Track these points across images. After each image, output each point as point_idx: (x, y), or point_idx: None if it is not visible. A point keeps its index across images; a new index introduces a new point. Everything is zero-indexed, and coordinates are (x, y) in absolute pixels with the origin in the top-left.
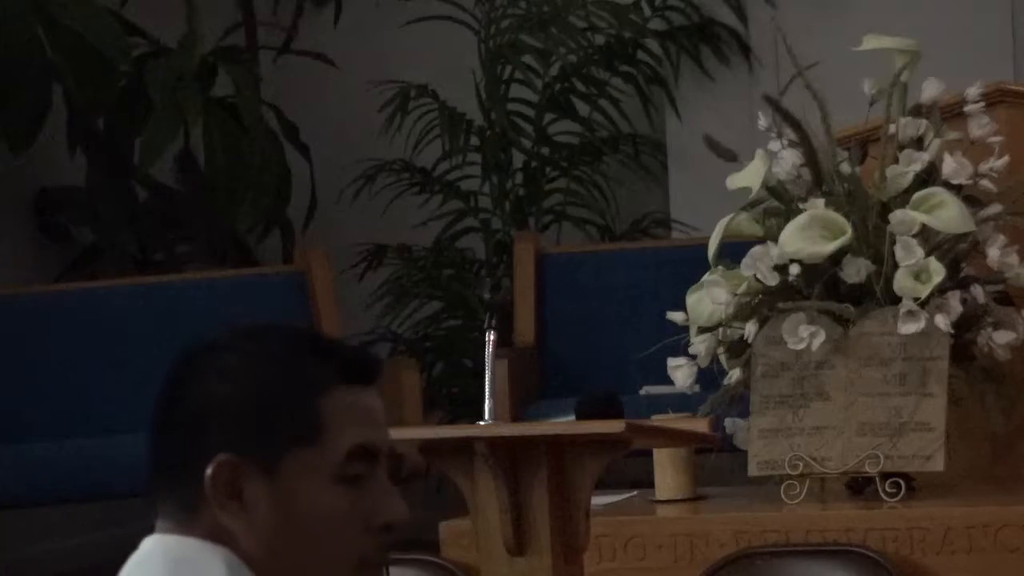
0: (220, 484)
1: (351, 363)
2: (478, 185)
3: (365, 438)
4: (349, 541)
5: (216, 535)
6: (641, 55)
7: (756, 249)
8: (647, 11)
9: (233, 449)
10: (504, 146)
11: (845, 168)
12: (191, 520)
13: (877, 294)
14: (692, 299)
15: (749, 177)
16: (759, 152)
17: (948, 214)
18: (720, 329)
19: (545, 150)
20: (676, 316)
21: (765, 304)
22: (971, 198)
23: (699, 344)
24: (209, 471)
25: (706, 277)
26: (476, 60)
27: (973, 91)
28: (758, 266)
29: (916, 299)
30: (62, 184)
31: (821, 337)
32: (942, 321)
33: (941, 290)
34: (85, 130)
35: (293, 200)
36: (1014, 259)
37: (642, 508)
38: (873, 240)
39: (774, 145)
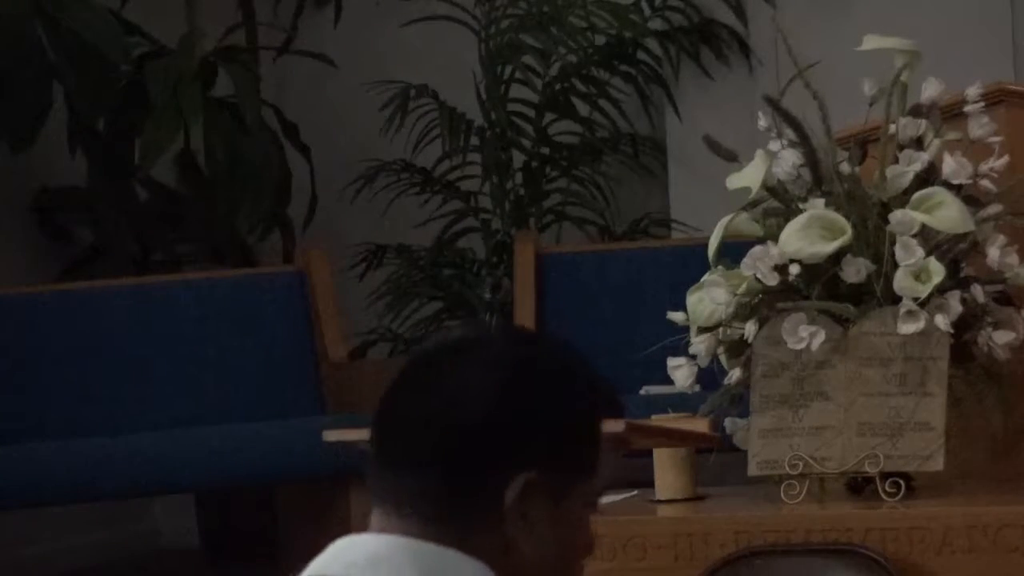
0: (522, 502)
1: (612, 395)
2: (478, 185)
3: (614, 471)
4: (580, 566)
5: (490, 554)
6: (641, 55)
7: (756, 249)
8: (647, 11)
9: (537, 468)
10: (504, 146)
11: (845, 168)
12: (458, 530)
13: (877, 294)
14: (692, 299)
15: (749, 177)
16: (759, 152)
17: (948, 214)
18: (720, 329)
19: (545, 150)
20: (676, 316)
21: (765, 304)
22: (971, 198)
23: (699, 344)
24: (515, 489)
25: (706, 277)
26: (476, 60)
27: (973, 91)
28: (758, 266)
29: (916, 299)
30: (62, 184)
31: (821, 337)
32: (942, 321)
33: (941, 290)
34: (85, 130)
35: (293, 200)
36: (1014, 259)
37: (642, 508)
38: (873, 240)
39: (774, 145)
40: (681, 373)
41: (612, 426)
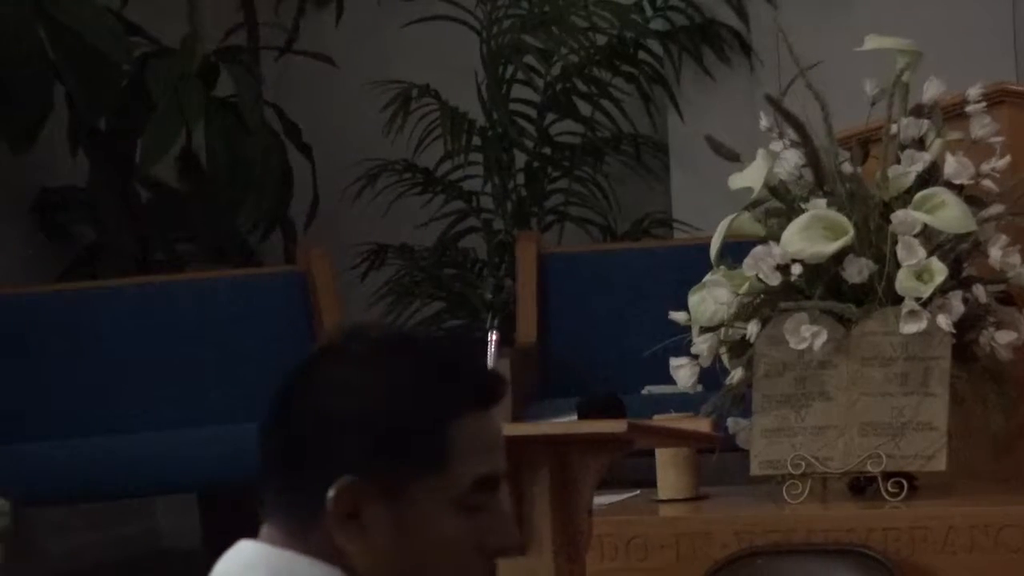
0: (341, 505)
1: (479, 385)
2: (480, 185)
3: (491, 467)
4: (462, 567)
5: (328, 554)
6: (643, 55)
7: (758, 249)
8: (649, 11)
9: (356, 470)
10: (506, 146)
11: (847, 168)
12: (303, 535)
13: (879, 294)
14: (694, 299)
15: (751, 177)
16: (761, 152)
17: (950, 214)
18: (722, 329)
19: (547, 150)
20: (678, 316)
21: (767, 304)
22: (973, 198)
23: (701, 344)
24: (332, 493)
25: (708, 277)
26: (478, 60)
27: (974, 91)
28: (760, 266)
29: (918, 299)
30: (62, 184)
31: (823, 337)
32: (944, 321)
33: (943, 290)
34: (86, 130)
35: (295, 200)
36: (1016, 259)
37: (644, 508)
38: (875, 240)
39: (776, 145)
40: (683, 373)
41: (611, 427)
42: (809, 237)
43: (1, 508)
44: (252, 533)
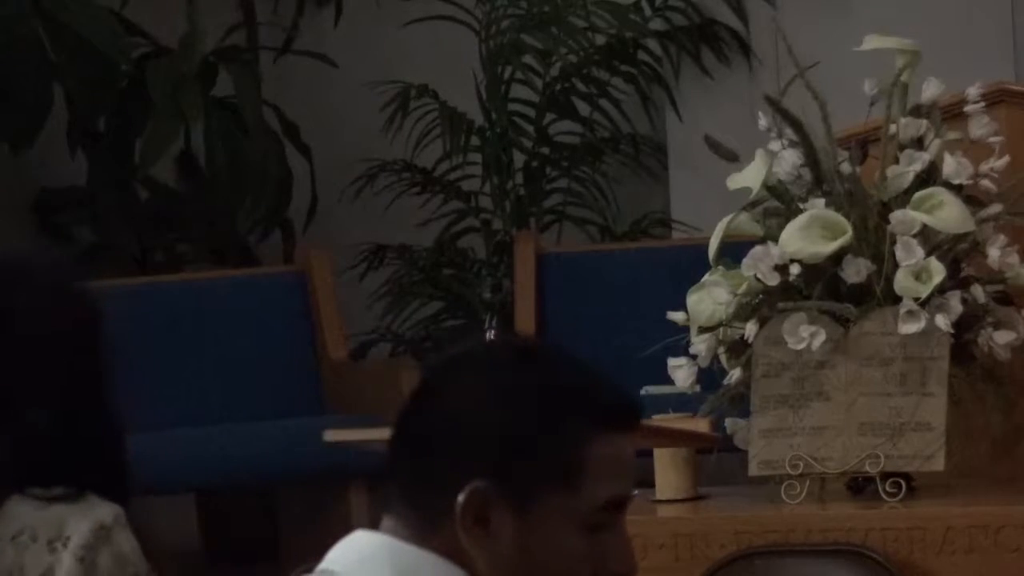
0: (471, 509)
1: (616, 408)
2: (479, 185)
3: (620, 490)
4: None
5: (451, 554)
6: (642, 55)
7: (756, 249)
8: (647, 11)
9: (490, 477)
10: (505, 146)
11: (845, 168)
12: (428, 533)
13: (877, 294)
14: (693, 299)
15: (749, 177)
16: (759, 152)
17: (948, 214)
18: (720, 329)
19: (546, 150)
20: (677, 316)
21: (765, 304)
22: (971, 198)
23: (700, 344)
24: (463, 496)
25: (707, 277)
26: (477, 60)
27: (973, 91)
28: (758, 266)
29: (916, 299)
30: (62, 184)
31: (821, 337)
32: (942, 321)
33: (941, 290)
34: (86, 130)
35: (294, 200)
36: (1015, 259)
37: (643, 508)
38: (873, 240)
39: (774, 145)
40: (681, 373)
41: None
42: (807, 237)
43: None
44: (252, 533)
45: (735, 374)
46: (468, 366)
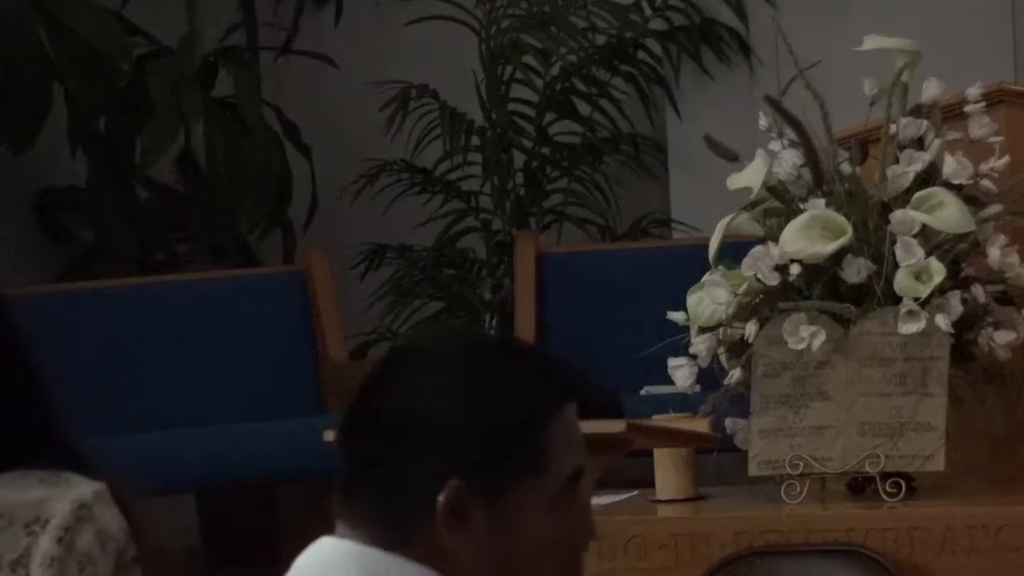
0: (451, 508)
1: (565, 379)
2: (479, 185)
3: (579, 461)
4: (559, 565)
5: (432, 556)
6: (642, 55)
7: (757, 249)
8: (648, 11)
9: (461, 472)
10: (505, 146)
11: (845, 168)
12: (403, 538)
13: (877, 294)
14: (693, 299)
15: (749, 177)
16: (760, 152)
17: (948, 214)
18: (721, 329)
19: (546, 150)
20: (677, 316)
21: (766, 304)
22: (972, 198)
23: (700, 344)
24: (443, 496)
25: (707, 277)
26: (477, 60)
27: (973, 91)
28: (759, 266)
29: (916, 299)
30: (62, 184)
31: (822, 337)
32: (942, 321)
33: (941, 290)
34: (85, 130)
35: (294, 200)
36: (1015, 259)
37: (643, 508)
38: (873, 240)
39: (775, 145)
40: (682, 373)
41: (609, 427)
42: (808, 237)
43: None
44: (252, 532)
45: (735, 374)
46: (411, 365)
